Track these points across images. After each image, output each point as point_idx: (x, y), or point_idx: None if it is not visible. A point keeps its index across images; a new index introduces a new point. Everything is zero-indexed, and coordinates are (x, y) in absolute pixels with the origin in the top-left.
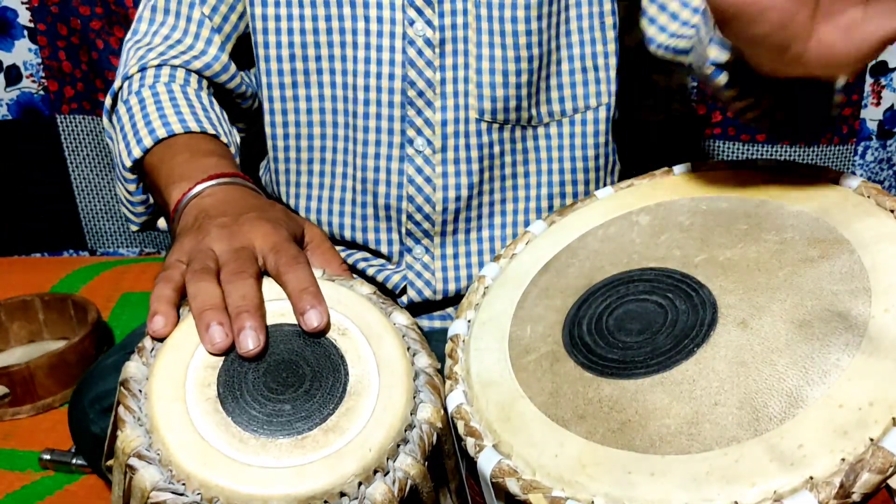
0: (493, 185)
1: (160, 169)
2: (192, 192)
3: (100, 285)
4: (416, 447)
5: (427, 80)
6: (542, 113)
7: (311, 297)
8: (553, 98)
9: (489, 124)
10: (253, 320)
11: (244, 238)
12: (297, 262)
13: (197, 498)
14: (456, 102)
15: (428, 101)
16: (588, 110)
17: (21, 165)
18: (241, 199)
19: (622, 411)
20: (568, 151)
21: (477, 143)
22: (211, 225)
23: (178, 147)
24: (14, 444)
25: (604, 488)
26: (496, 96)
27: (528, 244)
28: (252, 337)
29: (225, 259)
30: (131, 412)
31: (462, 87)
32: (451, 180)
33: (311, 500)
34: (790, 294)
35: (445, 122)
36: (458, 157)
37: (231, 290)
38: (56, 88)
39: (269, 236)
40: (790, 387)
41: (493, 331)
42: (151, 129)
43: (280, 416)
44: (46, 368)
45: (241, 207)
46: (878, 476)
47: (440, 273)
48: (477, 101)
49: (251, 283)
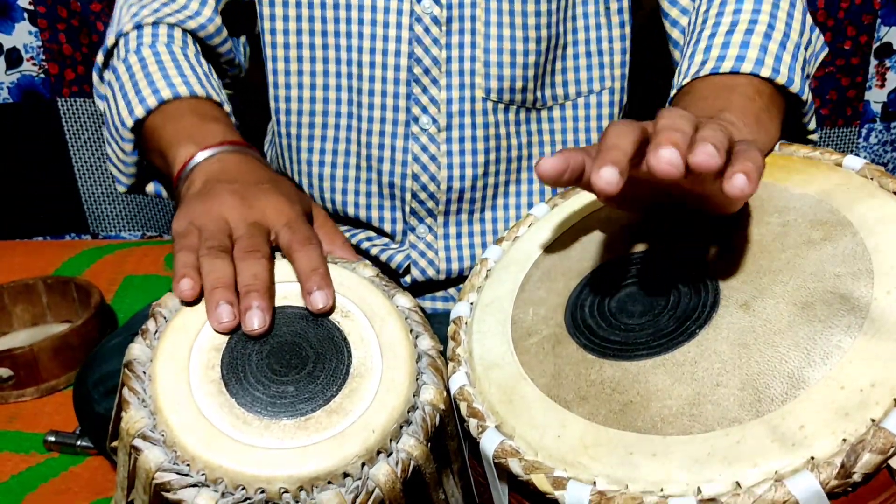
0: (499, 166)
1: (164, 129)
2: (200, 156)
3: (102, 268)
4: (418, 428)
5: (433, 58)
6: (546, 96)
7: (320, 279)
8: (558, 81)
9: (495, 104)
10: (261, 300)
11: (258, 210)
12: (310, 242)
13: (201, 478)
14: (462, 81)
15: (434, 78)
16: (592, 94)
17: (22, 149)
18: (251, 169)
19: (624, 393)
20: (572, 135)
21: (483, 123)
22: (222, 189)
23: (183, 109)
24: (19, 426)
25: (605, 469)
26: (503, 76)
27: (530, 227)
28: (258, 317)
29: (239, 233)
30: (135, 394)
31: (468, 66)
32: (456, 159)
33: (315, 480)
34: (792, 276)
35: (451, 101)
36: (462, 135)
37: (243, 268)
38: (57, 71)
39: (284, 212)
40: (792, 368)
41: (496, 313)
42: (155, 90)
43: (283, 398)
44: (50, 351)
45: (252, 177)
46: (880, 456)
47: (443, 253)
48: (483, 80)
49: (263, 264)
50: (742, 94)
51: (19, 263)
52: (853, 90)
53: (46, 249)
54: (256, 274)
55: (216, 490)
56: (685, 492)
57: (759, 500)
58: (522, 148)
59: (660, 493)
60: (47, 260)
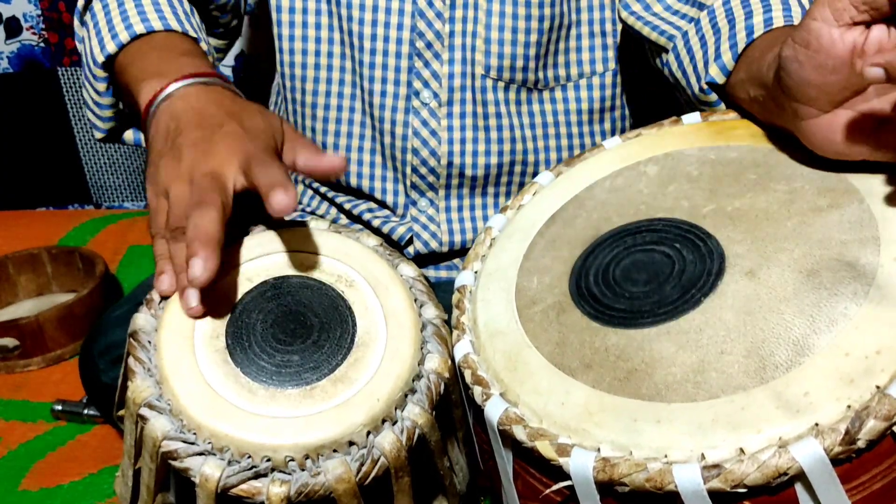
0: (502, 146)
1: (133, 66)
2: (164, 93)
3: (107, 238)
4: (423, 397)
5: (436, 32)
6: (549, 76)
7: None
8: (561, 62)
9: (494, 82)
10: (203, 249)
11: (217, 159)
12: (267, 164)
13: (208, 447)
14: (463, 56)
15: (436, 53)
16: (595, 76)
17: (23, 119)
18: (215, 103)
19: (628, 360)
20: (576, 116)
21: (483, 100)
22: (184, 145)
23: (154, 44)
24: (26, 395)
25: (610, 435)
26: (503, 53)
27: (534, 195)
28: (198, 265)
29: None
30: (141, 363)
31: (470, 42)
32: (457, 135)
33: (321, 448)
34: (799, 244)
35: (452, 76)
36: (464, 111)
37: (189, 222)
38: (56, 40)
39: (243, 151)
40: (797, 335)
41: (500, 281)
42: (128, 25)
43: (289, 367)
44: (55, 321)
45: (216, 115)
46: (884, 423)
47: (445, 226)
48: (484, 58)
49: (208, 213)
50: None
51: (23, 234)
52: None
53: (50, 219)
54: (197, 224)
55: (222, 458)
56: (689, 458)
57: (763, 466)
58: (525, 128)
59: (664, 459)
60: (51, 230)
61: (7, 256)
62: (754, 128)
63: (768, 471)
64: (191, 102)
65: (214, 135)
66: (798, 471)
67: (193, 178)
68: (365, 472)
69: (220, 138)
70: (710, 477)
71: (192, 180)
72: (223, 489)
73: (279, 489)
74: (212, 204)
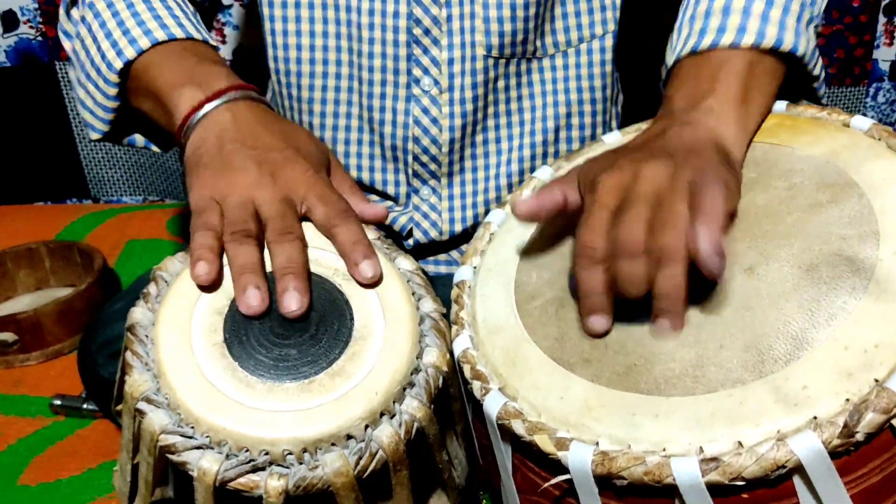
0: (499, 120)
1: (159, 69)
2: (210, 105)
3: (105, 233)
4: (422, 390)
5: (433, 18)
6: (546, 44)
7: (365, 249)
8: (558, 28)
9: (496, 60)
10: (297, 282)
11: (284, 184)
12: (348, 215)
13: (206, 441)
14: (462, 40)
15: (434, 39)
16: (594, 39)
17: (21, 113)
18: (262, 120)
19: (628, 355)
20: (574, 82)
21: (483, 80)
22: (243, 158)
23: (180, 51)
24: (24, 390)
25: (609, 430)
26: (504, 31)
27: (534, 190)
28: (296, 298)
29: (269, 214)
30: (139, 357)
31: (468, 24)
32: (458, 121)
33: (319, 442)
34: (798, 239)
35: (452, 61)
36: (464, 97)
37: (278, 251)
38: (54, 34)
39: (314, 185)
40: (796, 330)
41: (499, 277)
42: (147, 30)
43: (286, 361)
44: (54, 315)
45: (270, 136)
46: (883, 416)
47: (447, 214)
48: (484, 37)
49: (297, 245)
50: (729, 73)
51: (21, 228)
52: (861, 49)
53: (48, 214)
54: (291, 257)
55: (220, 452)
56: (687, 451)
57: (762, 460)
58: (523, 100)
59: (662, 452)
60: (49, 224)
61: (5, 251)
62: None
63: (766, 464)
64: (237, 115)
65: (274, 155)
66: (796, 464)
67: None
68: (363, 465)
69: (284, 161)
70: (709, 470)
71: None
72: (221, 483)
73: (277, 483)
74: (296, 235)
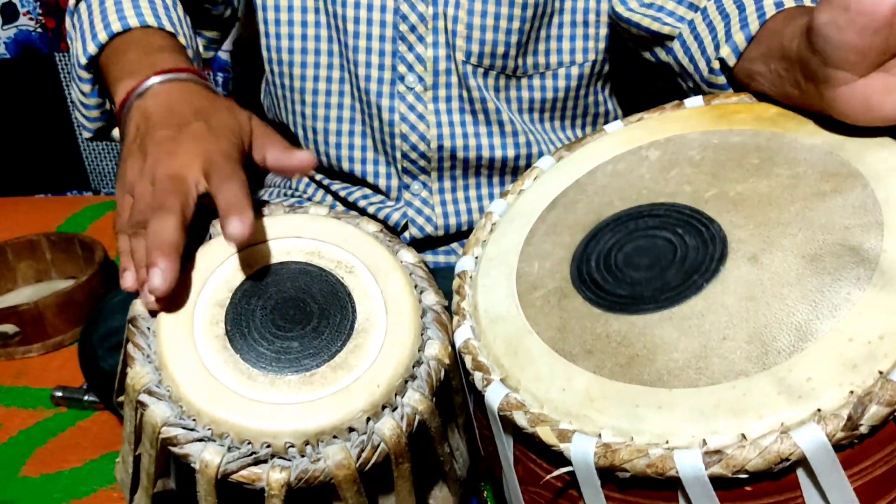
0: (491, 128)
1: (112, 66)
2: (136, 91)
3: (106, 225)
4: (423, 383)
5: (419, 15)
6: (528, 64)
7: (237, 210)
8: (541, 50)
9: (475, 68)
10: (160, 258)
11: (179, 160)
12: (229, 179)
13: (207, 433)
14: (446, 40)
15: (419, 36)
16: (574, 65)
17: (21, 105)
18: (185, 100)
19: (630, 346)
20: (550, 104)
21: (466, 85)
22: (150, 142)
23: (130, 43)
24: (26, 381)
25: (611, 421)
26: (484, 40)
27: (535, 180)
28: (157, 275)
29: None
30: (140, 350)
31: (451, 26)
32: (444, 118)
33: (320, 435)
34: (801, 228)
35: (437, 59)
36: (449, 95)
37: (148, 229)
38: (54, 25)
39: (205, 153)
40: (799, 321)
41: (501, 267)
42: (107, 24)
43: (288, 353)
44: (55, 307)
45: (185, 113)
46: (887, 409)
47: (440, 209)
48: (465, 43)
49: (166, 219)
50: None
51: (22, 220)
52: None
53: (49, 206)
54: (156, 231)
55: (222, 444)
56: (690, 443)
57: (765, 452)
58: (505, 113)
59: (665, 444)
60: (50, 216)
61: (6, 243)
62: (757, 112)
63: (770, 456)
64: (161, 100)
65: (180, 134)
66: (800, 456)
67: (156, 178)
68: (365, 458)
69: (185, 138)
70: (712, 462)
71: (155, 180)
72: (223, 475)
73: (279, 475)
74: (171, 209)
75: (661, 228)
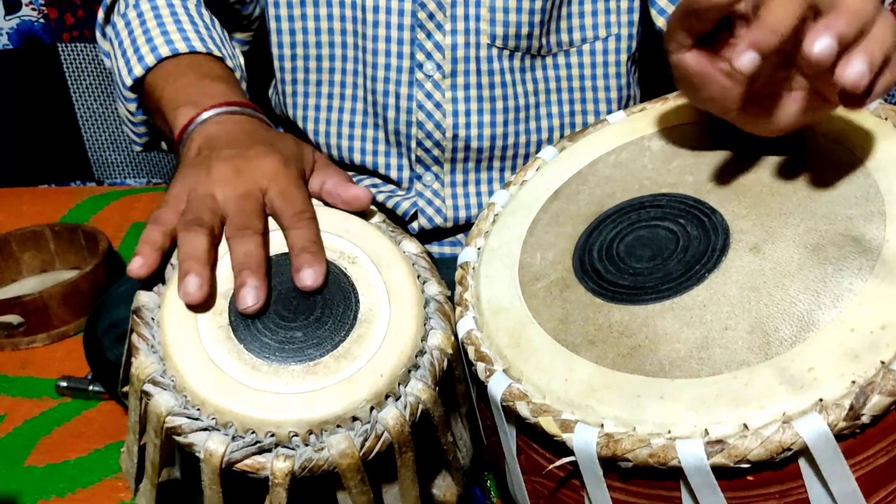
0: (507, 115)
1: (163, 90)
2: (199, 119)
3: (110, 215)
4: (426, 373)
5: (438, 2)
6: (552, 42)
7: (311, 256)
8: (564, 27)
9: (500, 51)
10: (253, 278)
11: (250, 179)
12: (302, 217)
13: (212, 423)
14: (467, 26)
15: (438, 23)
16: (598, 41)
17: (24, 96)
18: (250, 130)
19: (632, 336)
20: (578, 82)
21: (487, 70)
22: (215, 159)
23: (182, 68)
24: (31, 371)
25: (613, 411)
26: (509, 21)
27: (538, 170)
28: (251, 294)
29: (230, 210)
30: (145, 340)
31: (473, 11)
32: (462, 106)
33: (324, 424)
34: (804, 219)
35: (456, 47)
36: (468, 82)
37: (235, 246)
38: (56, 16)
39: (279, 178)
40: (802, 311)
41: (503, 258)
42: (153, 47)
43: (292, 343)
44: (60, 298)
45: (250, 139)
46: (889, 398)
47: (450, 201)
48: (488, 26)
49: (255, 240)
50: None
51: (26, 211)
52: None
53: (52, 196)
54: (248, 252)
55: (226, 434)
56: (692, 433)
57: (767, 442)
58: (529, 96)
59: (667, 434)
60: (54, 207)
61: (10, 233)
62: None
63: (772, 446)
64: (225, 127)
65: (247, 153)
66: (802, 446)
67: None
68: (368, 447)
69: (254, 157)
70: (714, 452)
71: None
72: (228, 464)
73: (283, 464)
74: (254, 230)
75: (663, 219)
